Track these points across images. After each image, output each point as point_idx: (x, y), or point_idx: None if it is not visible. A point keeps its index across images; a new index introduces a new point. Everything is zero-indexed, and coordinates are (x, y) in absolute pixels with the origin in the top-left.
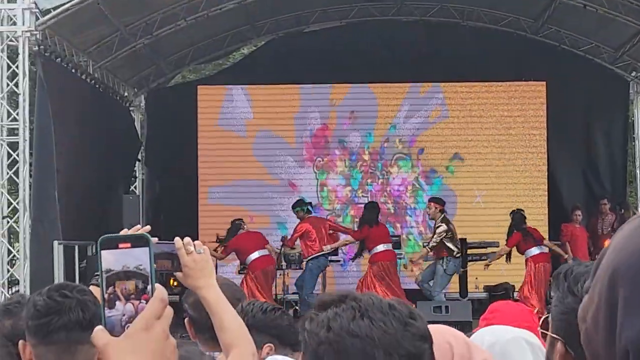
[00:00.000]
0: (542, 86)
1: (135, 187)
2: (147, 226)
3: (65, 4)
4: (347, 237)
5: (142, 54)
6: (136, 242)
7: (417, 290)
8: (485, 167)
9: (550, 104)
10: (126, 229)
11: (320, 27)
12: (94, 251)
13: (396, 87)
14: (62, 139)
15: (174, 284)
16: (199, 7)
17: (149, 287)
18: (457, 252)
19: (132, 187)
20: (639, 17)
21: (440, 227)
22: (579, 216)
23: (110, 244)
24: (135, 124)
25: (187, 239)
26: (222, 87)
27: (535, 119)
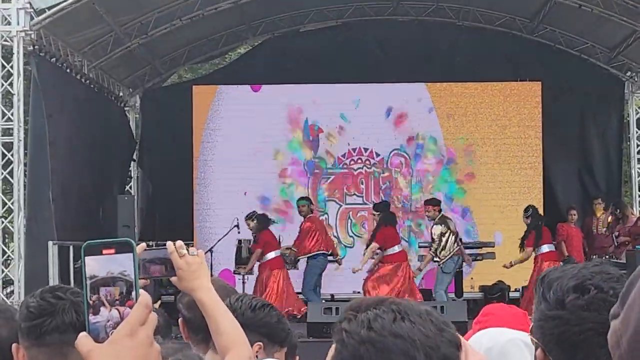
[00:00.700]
0: (538, 86)
1: (130, 187)
2: (143, 244)
3: (59, 3)
4: (372, 246)
5: (137, 54)
6: (120, 248)
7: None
8: (480, 167)
9: (545, 104)
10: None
11: (316, 26)
12: None
13: (392, 87)
14: (57, 139)
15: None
16: (194, 7)
17: (134, 293)
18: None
19: (127, 187)
20: (634, 17)
21: (436, 229)
22: (574, 216)
23: (94, 250)
24: (130, 124)
25: (179, 242)
26: (218, 86)
27: (530, 118)
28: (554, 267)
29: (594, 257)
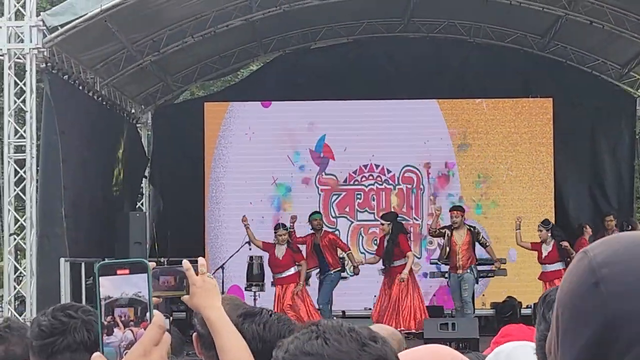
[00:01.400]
0: (549, 102)
1: (142, 204)
2: (153, 263)
3: (72, 21)
4: (410, 254)
5: (149, 71)
6: (135, 268)
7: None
8: (491, 184)
9: (556, 120)
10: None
11: (327, 43)
12: None
13: (403, 103)
14: (69, 156)
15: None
16: (206, 24)
17: (148, 314)
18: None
19: (138, 204)
20: None
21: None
22: (588, 231)
23: (108, 270)
24: (142, 140)
25: (201, 260)
26: (229, 103)
27: (541, 135)
28: (556, 287)
29: None
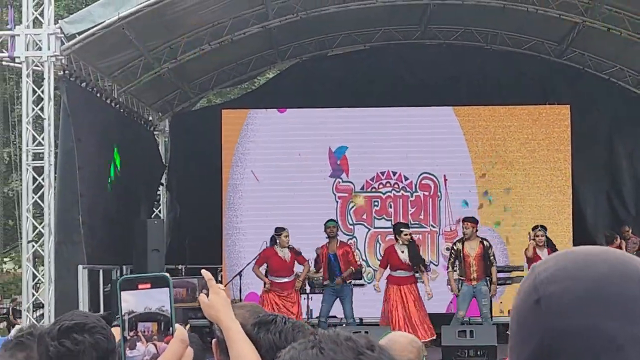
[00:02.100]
0: (566, 109)
1: (159, 211)
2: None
3: (90, 29)
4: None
5: (167, 78)
6: (156, 282)
7: (442, 314)
8: (509, 190)
9: (574, 127)
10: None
11: (343, 50)
12: (118, 275)
13: (420, 111)
14: (85, 163)
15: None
16: (223, 32)
17: (171, 328)
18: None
19: (156, 211)
20: None
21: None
22: (618, 242)
23: (130, 285)
24: (159, 148)
25: (208, 275)
26: (247, 110)
27: (559, 142)
28: None
29: None
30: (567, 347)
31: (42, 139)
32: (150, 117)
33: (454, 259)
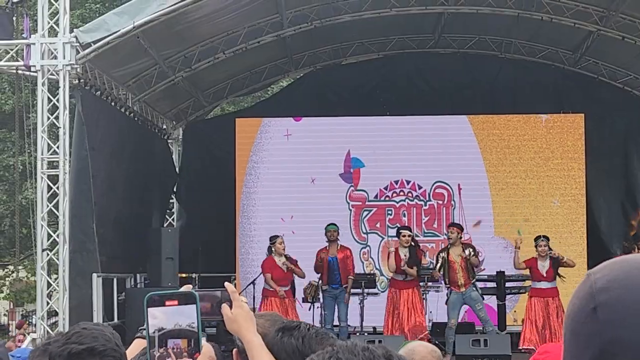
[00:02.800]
0: (580, 118)
1: (173, 219)
2: (189, 285)
3: (105, 37)
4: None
5: (181, 87)
6: (184, 299)
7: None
8: (523, 199)
9: (588, 136)
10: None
11: (358, 59)
12: (132, 284)
13: (433, 119)
14: (99, 172)
15: None
16: (238, 40)
17: (199, 344)
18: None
19: (170, 219)
20: None
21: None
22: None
23: (157, 301)
24: (173, 156)
25: (231, 287)
26: (261, 119)
27: (573, 150)
28: None
29: None
30: (625, 358)
31: (57, 148)
32: (164, 126)
33: (439, 266)
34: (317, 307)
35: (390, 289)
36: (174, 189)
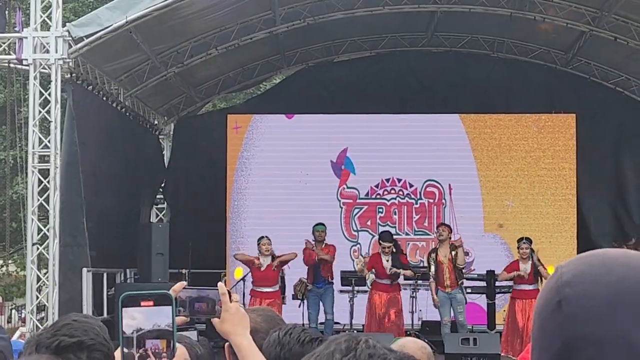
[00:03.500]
0: (572, 118)
1: (164, 214)
2: (184, 282)
3: (97, 32)
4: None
5: (173, 83)
6: (160, 300)
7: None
8: (513, 199)
9: (580, 136)
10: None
11: (350, 57)
12: (122, 279)
13: (425, 117)
14: (89, 166)
15: None
16: (230, 36)
17: (175, 347)
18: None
19: (160, 214)
20: None
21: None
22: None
23: (132, 301)
24: (164, 152)
25: (223, 288)
26: (252, 115)
27: (564, 150)
28: None
29: None
30: (586, 354)
31: (49, 142)
32: (155, 121)
33: (428, 266)
34: (307, 304)
35: (373, 292)
36: (162, 185)
